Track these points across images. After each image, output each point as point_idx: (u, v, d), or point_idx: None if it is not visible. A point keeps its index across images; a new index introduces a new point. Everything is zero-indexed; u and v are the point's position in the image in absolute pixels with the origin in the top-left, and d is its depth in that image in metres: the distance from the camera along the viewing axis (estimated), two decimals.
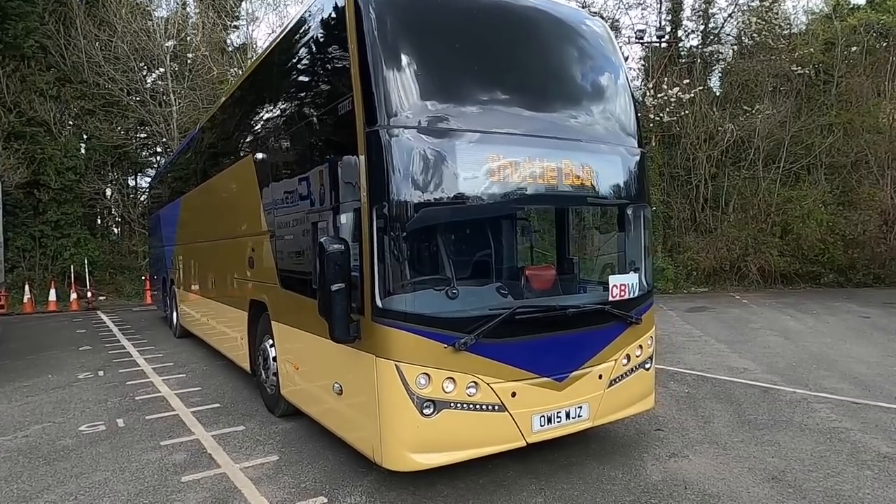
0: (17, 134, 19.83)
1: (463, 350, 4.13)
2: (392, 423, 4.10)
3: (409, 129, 4.15)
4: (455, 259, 4.70)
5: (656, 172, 19.66)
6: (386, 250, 4.05)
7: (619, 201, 5.30)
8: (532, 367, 4.47)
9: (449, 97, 4.40)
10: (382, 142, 4.07)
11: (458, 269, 4.74)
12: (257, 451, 5.57)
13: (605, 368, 4.88)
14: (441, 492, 4.54)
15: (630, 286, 5.05)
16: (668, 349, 9.84)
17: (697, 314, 13.73)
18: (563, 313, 4.61)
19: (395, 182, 4.06)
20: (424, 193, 4.18)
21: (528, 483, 4.67)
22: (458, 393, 4.17)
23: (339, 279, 4.15)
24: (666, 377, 7.97)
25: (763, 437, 5.55)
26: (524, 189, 4.58)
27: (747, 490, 4.44)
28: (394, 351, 4.06)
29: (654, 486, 4.55)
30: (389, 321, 4.04)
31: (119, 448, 5.77)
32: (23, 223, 20.62)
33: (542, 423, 4.51)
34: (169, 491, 4.74)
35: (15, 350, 11.57)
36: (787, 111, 19.00)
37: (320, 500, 4.48)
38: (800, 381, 7.52)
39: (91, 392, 8.03)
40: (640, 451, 5.28)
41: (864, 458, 5.00)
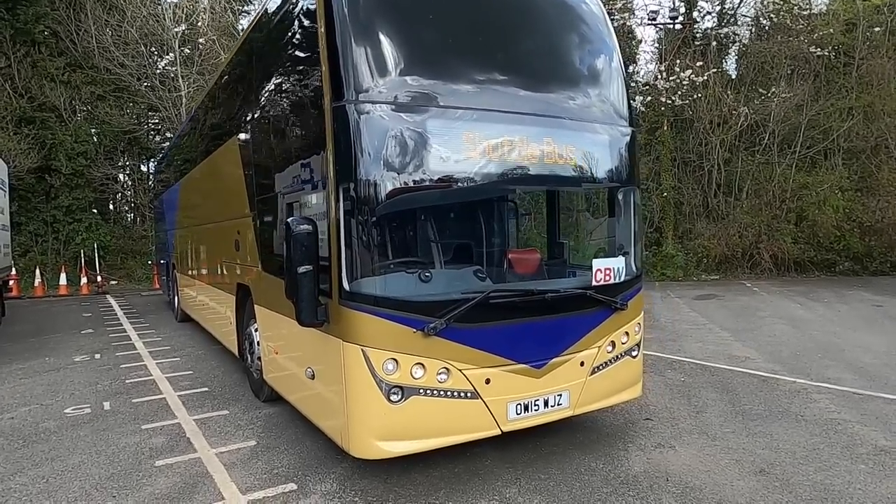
0: (27, 119, 20.00)
1: (433, 335, 3.98)
2: (358, 410, 3.98)
3: (377, 105, 3.98)
4: (429, 242, 4.55)
5: (668, 157, 19.27)
6: (353, 232, 3.91)
7: (607, 183, 5.08)
8: (508, 353, 4.31)
9: (422, 72, 4.21)
10: (349, 117, 3.91)
11: (433, 252, 4.58)
12: (236, 435, 5.49)
13: (587, 355, 4.70)
14: (414, 480, 4.42)
15: (615, 271, 4.84)
16: (671, 337, 9.62)
17: (705, 302, 13.44)
18: (541, 298, 4.42)
19: (362, 160, 3.90)
20: (394, 173, 4.00)
21: (505, 472, 4.52)
22: (428, 379, 4.02)
23: (306, 261, 4.02)
24: (664, 365, 7.77)
25: (756, 429, 5.35)
26: (503, 169, 4.39)
27: (731, 483, 4.26)
28: (360, 335, 3.92)
29: (634, 478, 4.38)
30: (356, 305, 3.90)
31: (100, 431, 5.74)
32: (35, 208, 20.85)
33: (518, 411, 4.36)
34: (140, 475, 4.67)
35: (19, 332, 11.66)
36: (805, 94, 18.42)
37: (290, 487, 4.38)
38: (802, 371, 7.27)
39: (84, 375, 8.03)
40: (626, 441, 5.11)
41: (859, 452, 4.78)
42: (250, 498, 4.23)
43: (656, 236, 19.25)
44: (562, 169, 4.68)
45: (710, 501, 4.00)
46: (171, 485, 4.48)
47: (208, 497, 4.26)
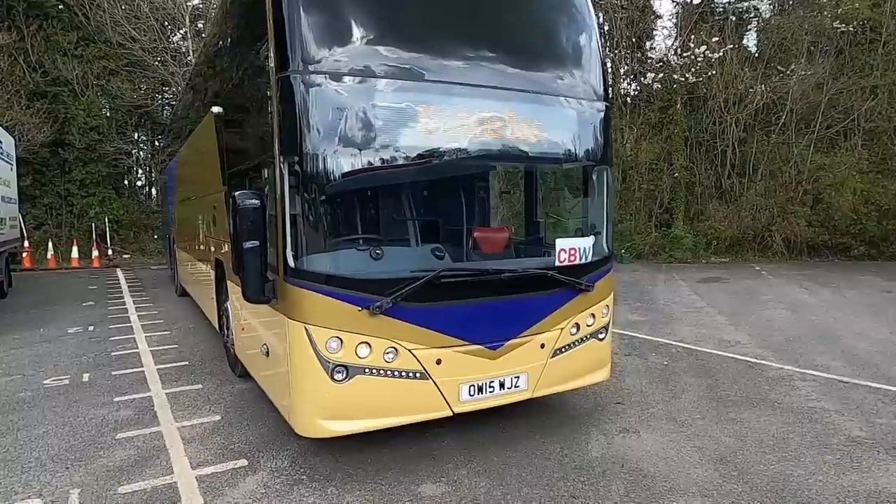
0: (40, 93, 20.18)
1: (379, 314, 3.88)
2: (302, 388, 3.93)
3: (324, 76, 3.84)
4: (381, 219, 4.43)
5: (680, 137, 18.80)
6: (298, 207, 3.80)
7: (576, 161, 4.90)
8: (462, 333, 4.20)
9: (373, 42, 4.05)
10: (294, 88, 3.78)
11: (386, 229, 4.46)
12: (203, 410, 5.50)
13: (548, 337, 4.57)
14: (365, 459, 4.38)
15: (581, 251, 4.68)
16: (664, 319, 9.43)
17: (708, 285, 13.16)
18: (497, 278, 4.28)
19: (307, 133, 3.78)
20: (342, 146, 3.87)
21: (458, 454, 4.45)
22: (374, 359, 3.94)
23: (253, 236, 3.93)
24: (649, 348, 7.61)
25: (728, 415, 5.20)
26: (460, 144, 4.23)
27: (687, 472, 4.14)
28: (303, 313, 3.85)
29: (588, 464, 4.28)
30: (300, 282, 3.82)
31: (72, 402, 5.79)
32: (50, 181, 21.16)
33: (471, 392, 4.27)
34: (98, 447, 4.70)
35: (23, 304, 11.88)
36: (826, 72, 17.73)
37: (241, 463, 4.37)
38: (790, 357, 7.06)
39: (73, 347, 8.13)
40: (590, 426, 5.00)
41: (829, 442, 4.62)
42: (199, 473, 4.22)
43: (666, 217, 18.89)
44: (526, 145, 4.51)
45: (660, 489, 3.88)
46: (126, 458, 4.50)
47: (158, 471, 4.26)
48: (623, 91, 20.82)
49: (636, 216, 19.13)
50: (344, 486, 3.97)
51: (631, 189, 19.02)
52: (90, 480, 4.13)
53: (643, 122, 19.31)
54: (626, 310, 10.29)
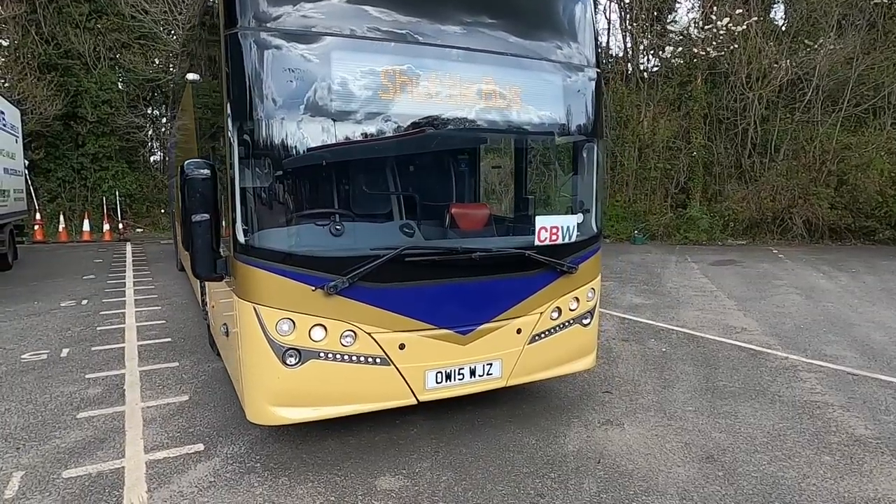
0: (51, 65, 20.12)
1: (335, 294, 3.60)
2: (252, 373, 3.67)
3: (278, 34, 3.50)
4: (343, 193, 4.13)
5: (699, 114, 18.07)
6: (248, 179, 3.52)
7: (562, 132, 4.54)
8: (428, 317, 3.91)
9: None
10: (243, 47, 3.45)
11: (348, 204, 4.16)
12: (172, 389, 5.32)
13: (525, 322, 4.26)
14: (327, 447, 4.14)
15: (564, 230, 4.32)
16: (669, 303, 9.03)
17: (721, 268, 12.67)
18: (467, 258, 3.95)
19: (257, 97, 3.46)
20: (298, 113, 3.56)
21: (426, 444, 4.19)
22: (330, 342, 3.67)
23: (202, 209, 3.65)
24: (649, 333, 7.25)
25: (722, 408, 4.85)
26: (431, 112, 3.88)
27: (669, 470, 3.82)
28: (252, 292, 3.58)
29: (563, 458, 3.98)
30: (249, 259, 3.54)
31: (44, 378, 5.65)
32: (63, 155, 21.20)
33: (438, 379, 3.98)
34: (55, 426, 4.53)
35: (26, 276, 11.87)
36: (857, 46, 16.82)
37: (197, 448, 4.16)
38: (798, 346, 6.65)
39: (61, 320, 8.02)
40: (572, 416, 4.70)
41: (829, 441, 4.26)
42: (151, 457, 4.02)
43: (682, 198, 18.29)
44: (506, 115, 4.15)
45: (635, 490, 3.58)
46: (80, 439, 4.32)
47: (109, 454, 4.07)
48: (642, 66, 20.07)
49: (651, 196, 18.55)
50: (297, 477, 3.73)
51: (647, 168, 18.42)
52: (37, 463, 3.95)
53: (661, 99, 18.61)
54: (631, 292, 9.92)
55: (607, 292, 9.89)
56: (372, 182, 4.52)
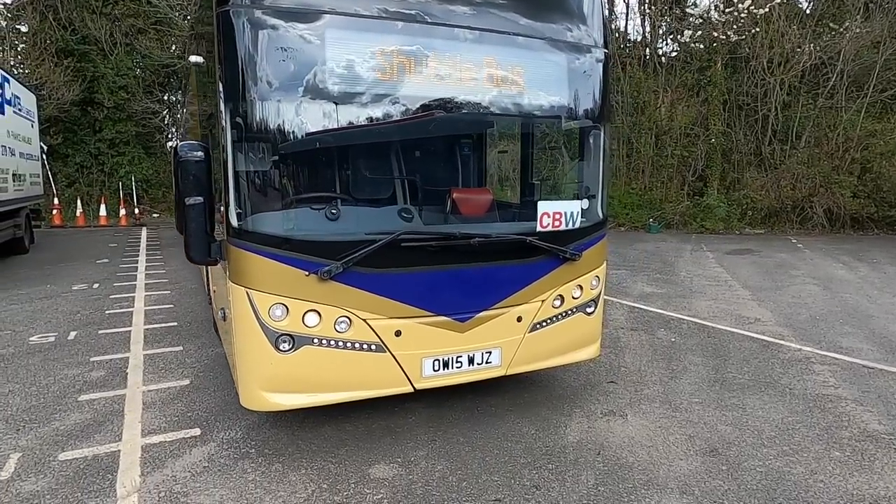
0: (68, 51, 20.26)
1: (328, 280, 3.53)
2: (245, 358, 3.63)
3: (270, 10, 3.40)
4: (340, 177, 4.04)
5: (718, 100, 17.64)
6: (241, 162, 3.44)
7: (568, 116, 4.40)
8: (425, 303, 3.83)
9: None
10: (234, 25, 3.36)
11: (345, 188, 4.07)
12: (175, 373, 5.31)
13: (526, 310, 4.16)
14: (323, 434, 4.10)
15: (567, 216, 4.21)
16: (681, 293, 8.86)
17: (737, 257, 12.41)
18: (466, 244, 3.85)
19: (250, 77, 3.38)
20: (292, 93, 3.48)
21: (423, 432, 4.13)
22: (324, 328, 3.60)
23: (196, 192, 3.60)
24: (659, 323, 7.11)
25: (729, 401, 4.73)
26: (431, 93, 3.78)
27: (670, 463, 3.72)
28: (245, 277, 3.52)
29: (562, 449, 3.90)
30: (242, 243, 3.48)
31: (49, 361, 5.68)
32: (81, 140, 21.41)
33: (435, 367, 3.91)
34: (56, 409, 4.55)
35: (41, 260, 12.02)
36: (884, 29, 16.27)
37: (194, 433, 4.15)
38: (812, 338, 6.47)
39: (71, 304, 8.09)
40: (574, 406, 4.61)
41: (840, 436, 4.11)
42: (147, 441, 4.01)
43: (699, 185, 17.94)
44: (507, 96, 4.03)
45: (634, 483, 3.48)
46: (80, 422, 4.32)
47: (107, 437, 4.07)
48: (660, 51, 19.66)
49: (667, 184, 18.23)
50: (291, 463, 3.69)
51: (663, 155, 18.09)
52: (35, 445, 3.96)
53: (679, 84, 18.22)
54: (643, 281, 9.75)
55: (618, 281, 9.74)
56: (370, 166, 4.43)
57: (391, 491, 3.38)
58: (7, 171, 11.61)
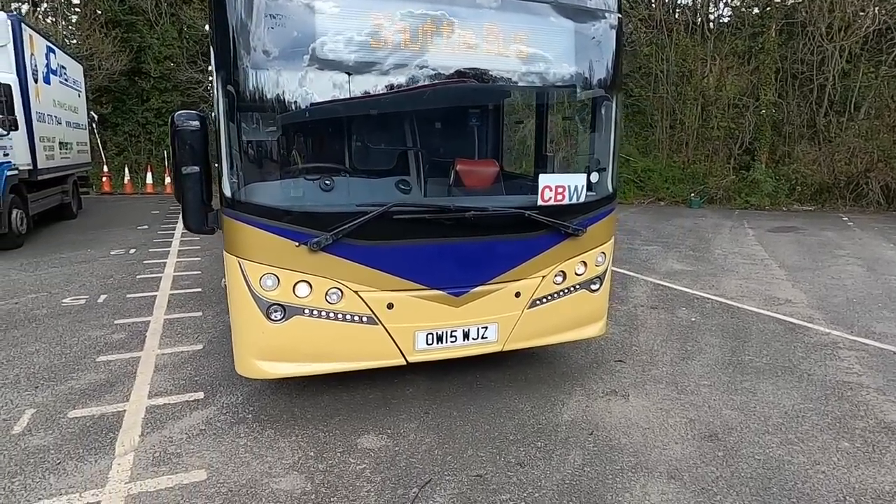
0: (116, 21, 20.77)
1: (319, 251, 3.53)
2: (239, 326, 3.69)
3: None
4: (335, 147, 4.01)
5: (770, 68, 16.75)
6: (234, 130, 3.44)
7: (575, 85, 4.22)
8: (419, 276, 3.79)
9: None
10: None
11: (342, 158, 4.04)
12: (190, 338, 5.48)
13: (525, 285, 4.08)
14: (319, 402, 4.16)
15: (570, 189, 4.07)
16: (712, 271, 8.55)
17: (779, 235, 11.88)
18: (460, 217, 3.77)
19: (242, 43, 3.35)
20: (285, 60, 3.44)
21: (418, 405, 4.14)
22: (316, 299, 3.62)
23: (192, 161, 3.64)
24: (682, 301, 6.89)
25: (741, 385, 4.55)
26: (430, 61, 3.67)
27: (664, 447, 3.62)
28: (237, 246, 3.57)
29: (554, 428, 3.84)
30: (235, 213, 3.51)
31: (77, 322, 5.94)
32: (130, 109, 22.07)
33: (429, 341, 3.89)
34: (74, 368, 4.76)
35: (86, 225, 12.54)
36: None
37: (197, 396, 4.27)
38: (844, 321, 6.15)
39: (107, 268, 8.42)
40: (576, 384, 4.53)
41: (852, 426, 3.91)
42: (152, 403, 4.16)
43: (746, 159, 17.18)
44: (513, 64, 3.88)
45: (622, 465, 3.41)
46: (93, 381, 4.51)
47: (116, 397, 4.24)
48: (711, 16, 18.70)
49: (712, 157, 17.53)
50: (283, 430, 3.77)
51: (709, 127, 17.36)
52: (49, 402, 4.15)
53: (729, 52, 17.34)
54: (673, 258, 9.46)
55: (647, 257, 9.48)
56: (367, 137, 4.38)
57: (375, 461, 3.41)
58: (53, 139, 12.06)
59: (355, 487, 3.15)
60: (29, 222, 10.57)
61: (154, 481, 3.19)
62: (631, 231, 12.24)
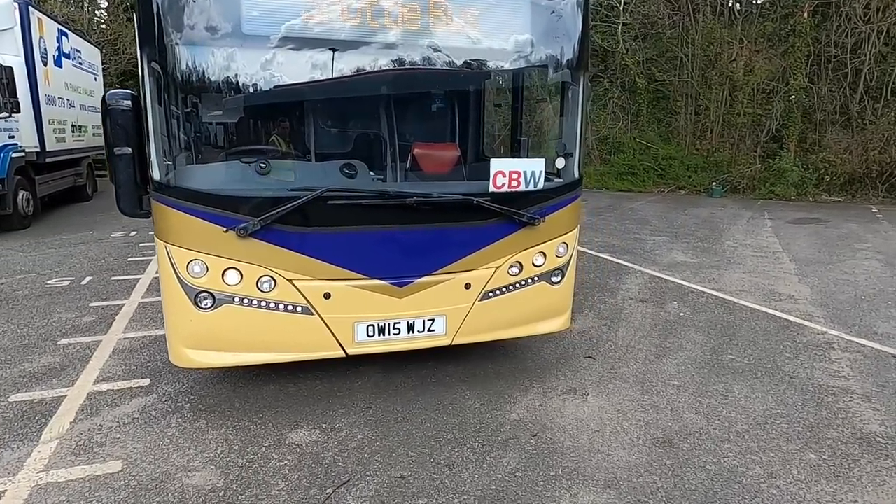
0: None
1: (248, 237, 3.37)
2: (169, 314, 3.57)
3: None
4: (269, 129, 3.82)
5: (802, 52, 15.94)
6: (160, 110, 3.30)
7: (533, 63, 3.97)
8: (357, 266, 3.61)
9: None
10: None
11: (278, 141, 3.86)
12: (157, 323, 5.42)
13: (475, 276, 3.86)
14: (262, 393, 4.03)
15: (527, 175, 3.81)
16: (716, 263, 8.16)
17: (798, 226, 11.32)
18: (402, 203, 3.56)
19: (167, 15, 3.20)
20: (215, 34, 3.27)
21: (363, 398, 3.98)
22: (246, 287, 3.47)
23: (124, 142, 3.50)
24: (675, 295, 6.57)
25: (713, 386, 4.26)
26: (367, 37, 3.47)
27: (610, 453, 3.38)
28: (164, 231, 3.44)
29: (497, 428, 3.63)
30: (161, 196, 3.38)
31: (53, 304, 5.95)
32: None
33: (370, 332, 3.71)
34: (32, 351, 4.74)
35: (97, 207, 12.74)
36: None
37: (143, 383, 4.20)
38: (845, 320, 5.76)
39: (103, 249, 8.49)
40: (535, 381, 4.30)
41: (824, 436, 3.60)
42: (95, 388, 4.09)
43: (773, 147, 16.45)
44: (463, 41, 3.64)
45: (559, 471, 3.18)
46: (46, 365, 4.48)
47: (62, 382, 4.19)
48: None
49: (737, 145, 16.85)
50: (216, 421, 3.65)
51: (734, 113, 16.66)
52: None
53: (758, 35, 16.56)
54: (679, 249, 9.07)
55: (652, 248, 9.12)
56: (306, 118, 4.18)
57: (298, 458, 3.26)
58: (65, 122, 12.21)
59: (268, 486, 3.01)
60: (37, 204, 10.75)
61: (66, 471, 3.10)
62: (641, 221, 11.83)
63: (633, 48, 18.14)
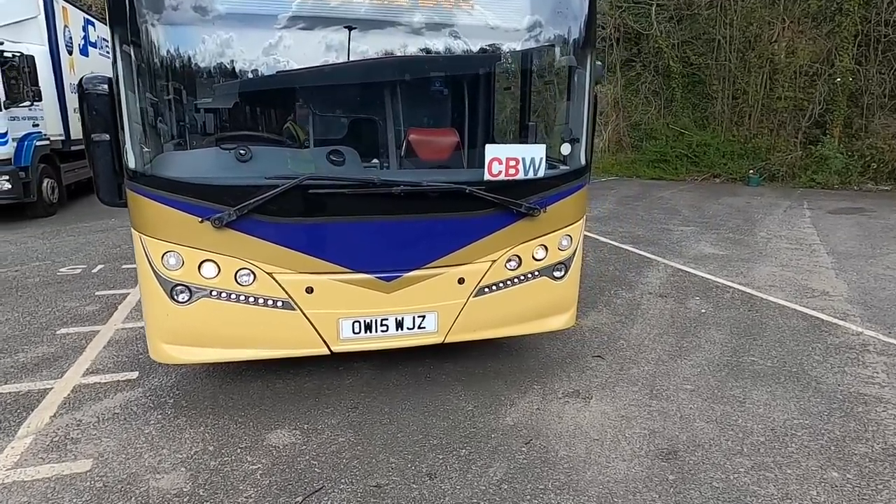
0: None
1: (222, 227, 3.20)
2: (146, 308, 3.45)
3: None
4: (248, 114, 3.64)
5: (849, 31, 15.03)
6: (133, 96, 3.14)
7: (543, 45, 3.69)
8: (342, 258, 3.41)
9: None
10: None
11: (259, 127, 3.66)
12: None
13: (469, 271, 3.63)
14: (247, 390, 3.88)
15: (526, 163, 3.54)
16: (746, 256, 7.71)
17: (839, 217, 10.69)
18: (389, 192, 3.33)
19: None
20: (189, 15, 3.11)
21: (350, 398, 3.79)
22: (224, 280, 3.31)
23: (101, 129, 3.35)
24: (697, 290, 6.20)
25: (730, 391, 3.94)
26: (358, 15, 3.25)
27: (607, 464, 3.11)
28: (138, 222, 3.30)
29: (487, 434, 3.40)
30: (135, 185, 3.23)
31: (60, 292, 5.95)
32: None
33: (356, 329, 3.52)
34: (31, 340, 4.71)
35: None
36: None
37: (131, 376, 4.10)
38: (884, 320, 5.31)
39: (119, 238, 8.51)
40: (536, 382, 4.05)
41: (851, 451, 3.26)
42: (83, 381, 4.01)
43: (816, 133, 15.62)
44: (461, 16, 3.39)
45: (548, 485, 2.93)
46: (41, 355, 4.43)
47: (52, 373, 4.13)
48: None
49: (777, 131, 16.06)
50: (195, 419, 3.52)
51: (774, 97, 15.87)
52: None
53: (801, 14, 15.69)
54: (707, 240, 8.63)
55: (679, 239, 8.70)
56: (290, 102, 3.97)
57: (272, 461, 3.09)
58: None
59: (237, 491, 2.84)
60: (62, 192, 10.88)
61: (35, 469, 3.00)
62: (671, 210, 11.36)
63: (668, 30, 17.43)
